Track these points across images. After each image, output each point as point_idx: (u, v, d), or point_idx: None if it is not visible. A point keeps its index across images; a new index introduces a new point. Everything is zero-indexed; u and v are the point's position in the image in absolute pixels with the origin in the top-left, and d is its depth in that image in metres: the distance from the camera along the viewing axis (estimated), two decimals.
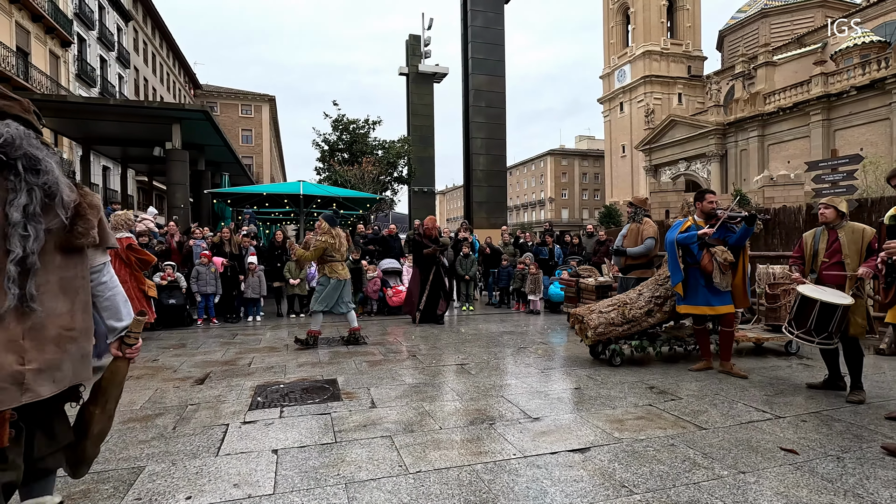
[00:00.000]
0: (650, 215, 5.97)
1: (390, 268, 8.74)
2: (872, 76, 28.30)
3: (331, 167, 20.00)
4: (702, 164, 39.94)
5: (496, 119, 19.31)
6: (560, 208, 66.38)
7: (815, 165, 6.45)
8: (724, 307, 4.36)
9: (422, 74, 27.35)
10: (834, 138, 30.93)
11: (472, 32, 18.74)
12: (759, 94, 35.41)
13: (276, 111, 49.74)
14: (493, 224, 18.75)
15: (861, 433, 3.10)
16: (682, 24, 49.67)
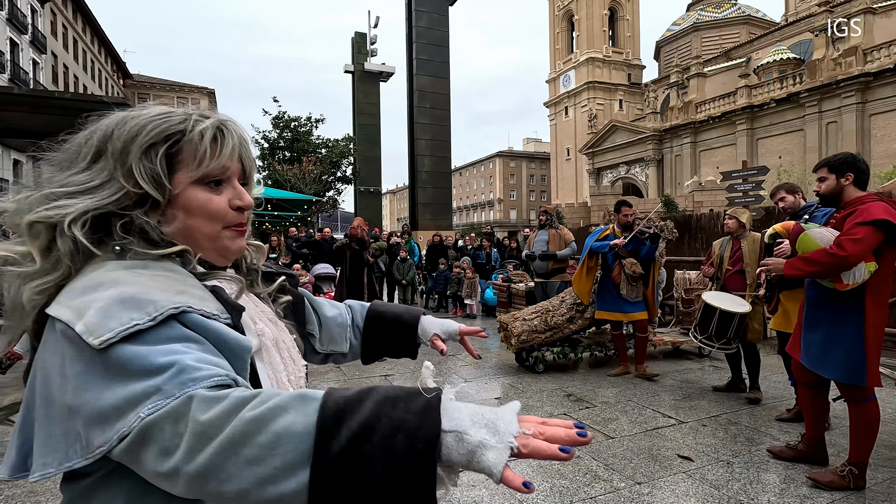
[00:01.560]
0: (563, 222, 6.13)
1: (324, 273, 8.47)
2: (789, 90, 30.68)
3: (270, 166, 19.28)
4: (640, 167, 41.84)
5: (441, 121, 19.30)
6: (508, 209, 67.58)
7: (729, 175, 6.84)
8: (637, 314, 4.50)
9: (368, 73, 26.94)
10: (757, 146, 33.29)
11: (416, 33, 18.63)
12: (692, 103, 37.54)
13: (217, 105, 47.53)
14: (438, 226, 18.72)
15: (753, 436, 3.26)
16: (622, 33, 51.85)
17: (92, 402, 0.50)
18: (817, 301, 2.60)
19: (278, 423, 0.47)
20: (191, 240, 0.66)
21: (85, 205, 0.60)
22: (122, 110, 0.71)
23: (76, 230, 0.59)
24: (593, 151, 45.82)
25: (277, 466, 0.45)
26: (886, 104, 26.32)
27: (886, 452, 2.97)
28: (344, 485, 0.46)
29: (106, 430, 0.50)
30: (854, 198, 2.53)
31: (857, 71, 26.87)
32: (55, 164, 0.66)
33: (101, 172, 0.63)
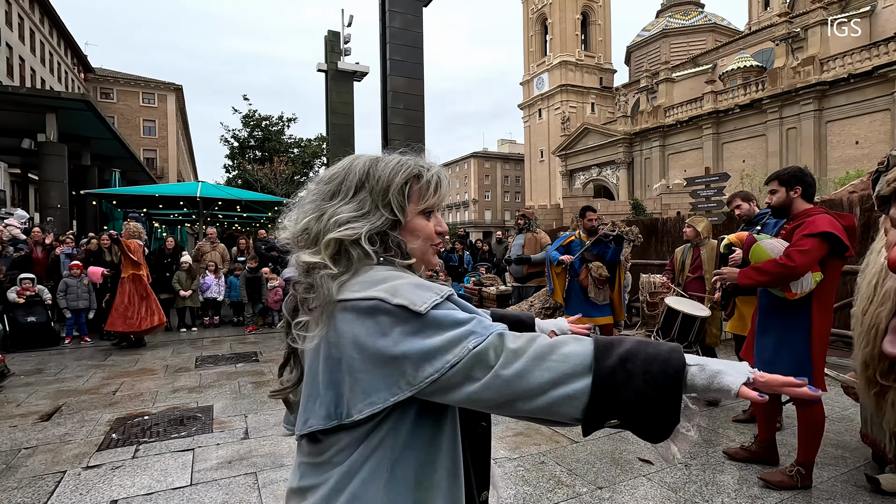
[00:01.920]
0: (540, 227, 6.23)
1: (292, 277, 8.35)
2: (752, 96, 31.81)
3: (240, 166, 18.87)
4: (611, 170, 42.68)
5: (415, 122, 19.23)
6: (483, 209, 67.93)
7: (693, 181, 7.05)
8: (602, 318, 4.60)
9: (341, 72, 26.64)
10: (722, 150, 34.40)
11: (390, 33, 18.53)
12: (661, 108, 38.52)
13: (184, 101, 46.17)
14: None
15: (710, 437, 3.37)
16: (594, 37, 52.77)
17: (419, 347, 0.73)
18: (768, 308, 2.71)
19: (565, 348, 0.73)
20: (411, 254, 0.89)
21: (366, 227, 0.83)
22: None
23: (365, 244, 0.82)
24: (566, 153, 46.49)
25: (567, 373, 0.70)
26: (841, 112, 27.57)
27: (832, 451, 3.12)
28: (614, 391, 0.69)
29: (435, 362, 0.73)
30: (802, 210, 2.65)
31: (815, 79, 28.06)
32: (315, 193, 0.89)
33: (364, 203, 0.85)
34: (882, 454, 2.75)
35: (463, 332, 0.74)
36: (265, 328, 7.94)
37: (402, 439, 0.79)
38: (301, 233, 0.86)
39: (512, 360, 0.72)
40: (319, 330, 0.79)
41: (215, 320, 8.21)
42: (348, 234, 0.81)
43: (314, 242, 0.84)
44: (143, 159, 36.63)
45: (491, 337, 0.74)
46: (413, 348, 0.73)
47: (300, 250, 0.85)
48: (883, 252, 2.83)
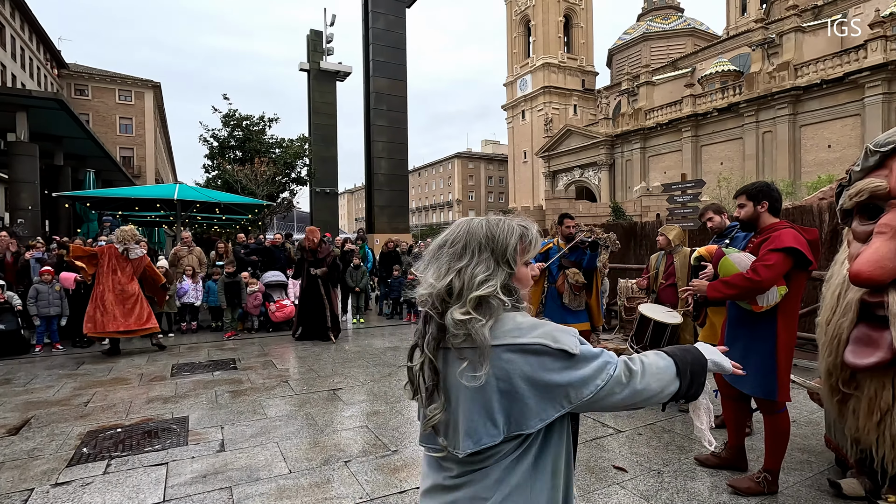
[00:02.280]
0: None
1: (274, 281, 8.26)
2: (729, 100, 32.51)
3: (220, 166, 18.56)
4: (594, 171, 43.17)
5: (398, 123, 19.18)
6: (467, 210, 68.04)
7: (669, 187, 7.17)
8: (578, 325, 4.65)
9: (324, 72, 26.39)
10: (701, 153, 35.07)
11: (373, 34, 18.43)
12: (641, 110, 39.10)
13: (162, 99, 45.28)
14: (395, 228, 18.62)
15: (683, 444, 3.44)
16: (577, 40, 53.31)
17: (578, 376, 1.01)
18: (737, 320, 2.78)
19: (661, 362, 1.10)
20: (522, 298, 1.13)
21: (498, 283, 1.04)
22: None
23: (501, 296, 1.04)
24: (549, 155, 46.87)
25: (668, 381, 1.08)
26: (815, 116, 28.35)
27: (798, 455, 3.22)
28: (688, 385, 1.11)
29: (589, 386, 1.01)
30: (769, 224, 2.73)
31: (789, 84, 28.80)
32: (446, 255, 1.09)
33: (489, 262, 1.06)
34: (844, 459, 2.84)
35: (602, 362, 1.03)
36: (244, 334, 7.84)
37: (543, 439, 1.07)
38: (445, 290, 1.04)
39: (639, 377, 1.06)
40: (484, 370, 0.99)
41: (192, 326, 8.08)
42: (489, 291, 1.03)
43: (458, 297, 1.04)
44: (119, 158, 35.82)
45: (619, 363, 1.06)
46: (574, 378, 1.01)
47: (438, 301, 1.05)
48: (846, 264, 2.93)
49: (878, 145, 2.69)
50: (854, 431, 2.73)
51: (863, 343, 2.61)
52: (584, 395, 1.01)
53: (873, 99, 25.35)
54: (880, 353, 2.50)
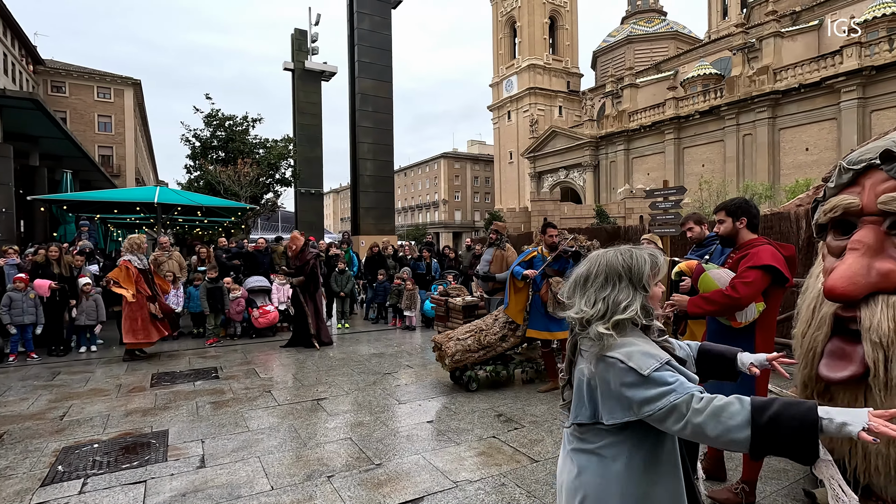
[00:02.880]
0: (509, 241, 6.32)
1: (257, 286, 8.17)
2: (711, 103, 33.02)
3: (202, 167, 18.29)
4: (578, 172, 43.52)
5: (383, 125, 19.10)
6: (453, 210, 68.10)
7: (652, 193, 7.26)
8: (561, 333, 4.69)
9: (308, 71, 26.17)
10: (683, 155, 35.57)
11: (358, 35, 18.32)
12: (625, 112, 39.52)
13: (143, 97, 44.42)
14: (381, 230, 18.54)
15: None
16: (562, 42, 53.68)
17: (641, 395, 1.21)
18: (716, 334, 2.83)
19: (731, 408, 1.12)
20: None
21: (637, 308, 1.32)
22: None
23: (639, 319, 1.32)
24: (534, 156, 47.12)
25: (734, 426, 1.10)
26: (793, 119, 28.96)
27: (775, 464, 3.28)
28: (767, 439, 1.08)
29: (649, 406, 1.20)
30: (747, 240, 2.78)
31: (769, 88, 29.37)
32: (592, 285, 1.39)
33: (627, 289, 1.34)
34: None
35: (668, 390, 1.20)
36: (227, 340, 7.74)
37: (636, 439, 1.30)
38: (596, 314, 1.34)
39: (697, 414, 1.16)
40: (589, 367, 1.34)
41: (174, 333, 7.94)
42: (630, 315, 1.31)
43: (602, 317, 1.33)
44: (98, 157, 35.05)
45: (685, 396, 1.19)
46: (636, 396, 1.23)
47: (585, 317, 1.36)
48: (821, 277, 2.99)
49: (850, 163, 2.76)
50: (828, 442, 2.80)
51: (836, 357, 2.67)
52: (645, 412, 1.22)
53: (849, 103, 25.98)
54: (853, 367, 2.56)
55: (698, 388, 1.22)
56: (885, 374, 2.43)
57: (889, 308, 2.45)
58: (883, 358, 2.43)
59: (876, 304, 2.47)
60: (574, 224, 26.32)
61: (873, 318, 2.46)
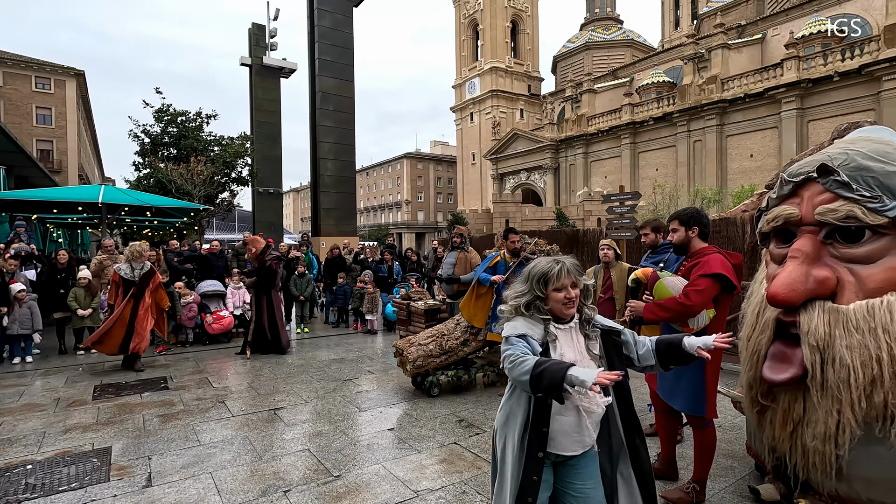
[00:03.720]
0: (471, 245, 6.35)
1: (211, 290, 7.85)
2: (664, 110, 34.36)
3: (152, 164, 17.45)
4: (539, 174, 44.33)
5: (345, 124, 18.81)
6: (416, 210, 67.93)
7: (608, 198, 7.47)
8: None
9: (267, 67, 25.46)
10: (638, 159, 36.85)
11: (318, 32, 17.96)
12: (584, 117, 40.56)
13: (87, 88, 41.98)
14: (342, 231, 18.25)
15: None
16: (523, 46, 54.53)
17: (503, 349, 1.87)
18: None
19: (526, 364, 1.68)
20: (553, 311, 1.89)
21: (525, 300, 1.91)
22: None
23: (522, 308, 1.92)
24: (496, 157, 47.64)
25: (524, 373, 1.67)
26: (739, 127, 30.54)
27: (724, 461, 3.43)
28: (537, 383, 1.63)
29: (502, 356, 1.84)
30: (698, 249, 2.91)
31: (717, 97, 30.85)
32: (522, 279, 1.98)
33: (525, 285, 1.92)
34: (763, 465, 3.05)
35: (508, 348, 1.80)
36: (178, 348, 7.39)
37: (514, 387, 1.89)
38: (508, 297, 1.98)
39: (513, 365, 1.72)
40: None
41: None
42: (517, 303, 1.91)
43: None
44: (36, 151, 32.89)
45: (512, 353, 1.76)
46: (502, 349, 1.86)
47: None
48: (764, 283, 3.15)
49: (791, 175, 2.91)
50: (771, 440, 2.94)
51: (778, 359, 2.81)
52: (502, 359, 1.81)
53: (788, 113, 27.64)
54: (793, 369, 2.70)
55: (527, 352, 1.75)
56: (822, 375, 2.58)
57: (825, 313, 2.60)
58: (819, 360, 2.58)
59: (813, 310, 2.61)
60: (535, 226, 26.77)
61: (811, 323, 2.61)
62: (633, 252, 7.43)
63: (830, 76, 25.75)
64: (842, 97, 25.62)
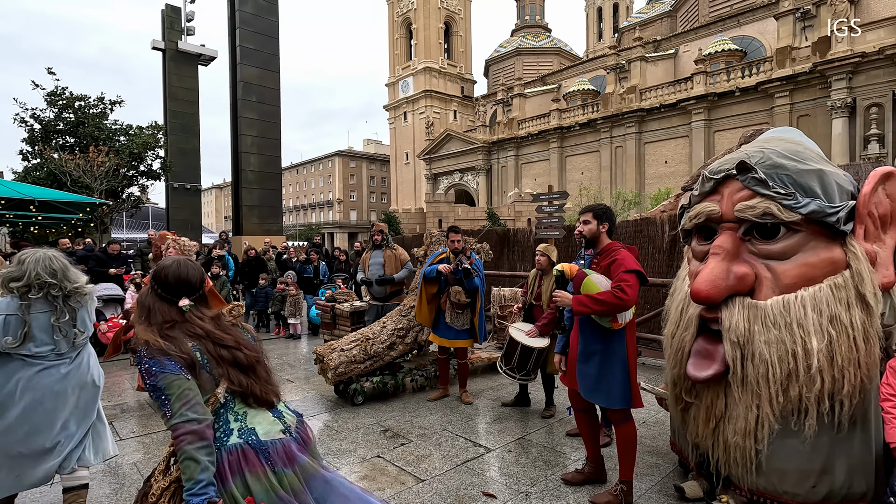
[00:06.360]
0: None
1: (108, 295, 6.97)
2: (589, 116, 36.03)
3: (43, 154, 15.50)
4: (472, 175, 44.88)
5: (270, 117, 17.79)
6: (349, 210, 66.42)
7: (537, 198, 7.51)
8: (458, 342, 4.56)
9: (182, 53, 23.61)
10: (566, 162, 38.36)
11: (240, 18, 16.84)
12: (515, 120, 41.59)
13: None
14: (266, 230, 17.23)
15: (550, 458, 3.48)
16: (456, 48, 55.01)
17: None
18: (591, 337, 2.90)
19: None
20: None
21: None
22: None
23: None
24: (430, 157, 47.65)
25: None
26: (655, 135, 32.67)
27: (649, 459, 3.43)
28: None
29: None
30: (607, 244, 2.98)
31: (636, 106, 32.81)
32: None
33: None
34: (686, 462, 3.06)
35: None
36: None
37: None
38: None
39: None
40: None
41: None
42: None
43: None
44: None
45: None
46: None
47: None
48: (687, 280, 3.17)
49: (712, 172, 2.93)
50: (694, 437, 2.94)
51: (702, 356, 2.81)
52: None
53: (698, 123, 29.97)
54: (716, 365, 2.70)
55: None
56: (742, 370, 2.60)
57: (745, 309, 2.63)
58: (740, 356, 2.60)
59: (734, 306, 2.63)
60: (468, 226, 26.96)
61: (731, 319, 2.63)
62: (562, 252, 7.52)
63: (733, 91, 28.22)
64: (742, 111, 28.16)
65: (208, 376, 1.57)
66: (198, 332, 1.61)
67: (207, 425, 1.47)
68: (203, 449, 1.43)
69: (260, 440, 1.57)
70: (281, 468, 1.55)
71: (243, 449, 1.53)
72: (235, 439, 1.55)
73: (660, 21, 44.72)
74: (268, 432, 1.60)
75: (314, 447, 1.78)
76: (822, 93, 24.77)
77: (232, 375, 1.60)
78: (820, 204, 2.47)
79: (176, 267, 1.67)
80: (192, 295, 1.67)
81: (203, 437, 1.44)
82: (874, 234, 2.62)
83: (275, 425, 1.64)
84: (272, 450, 1.56)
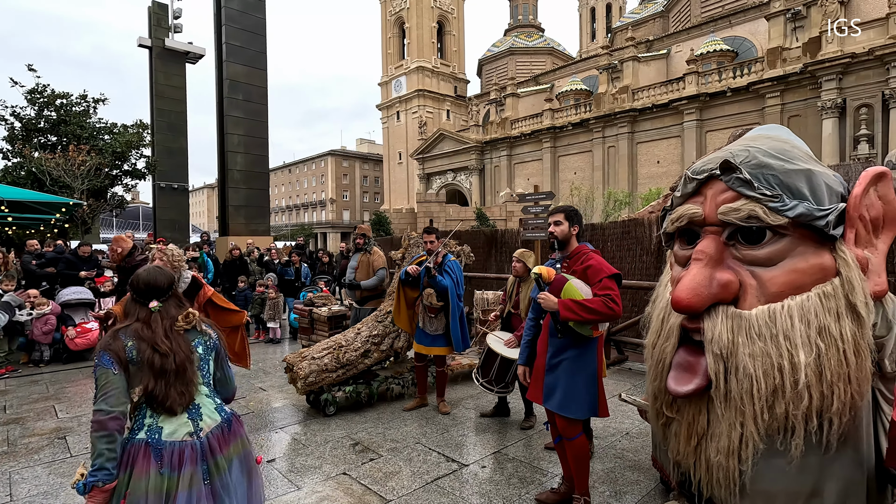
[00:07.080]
0: (377, 245, 5.88)
1: (76, 299, 6.71)
2: (582, 116, 35.94)
3: (22, 153, 15.16)
4: (465, 175, 44.70)
5: (257, 116, 17.48)
6: (341, 209, 66.05)
7: (523, 198, 7.32)
8: (436, 349, 4.36)
9: (170, 51, 23.28)
10: (558, 162, 38.26)
11: (226, 15, 16.52)
12: (508, 120, 41.44)
13: None
14: (252, 231, 16.92)
15: (525, 474, 3.29)
16: (449, 47, 54.79)
17: None
18: (562, 347, 2.76)
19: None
20: None
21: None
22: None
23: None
24: (423, 157, 47.42)
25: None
26: (647, 135, 32.63)
27: (630, 475, 3.25)
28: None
29: None
30: (577, 247, 2.87)
31: (628, 106, 32.76)
32: None
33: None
34: (668, 481, 2.89)
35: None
36: (29, 368, 6.20)
37: None
38: None
39: None
40: None
41: None
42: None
43: None
44: None
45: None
46: None
47: None
48: (669, 286, 3.00)
49: (694, 172, 2.75)
50: (675, 454, 2.76)
51: (683, 369, 2.62)
52: None
53: (690, 123, 29.94)
54: (697, 379, 2.51)
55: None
56: (725, 385, 2.41)
57: (728, 319, 2.44)
58: (723, 370, 2.41)
59: (717, 315, 2.44)
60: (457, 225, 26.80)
61: (714, 330, 2.44)
62: (547, 253, 7.35)
63: (724, 91, 28.21)
64: (734, 111, 28.17)
65: (138, 372, 1.72)
66: (144, 334, 1.75)
67: (112, 417, 1.61)
68: (103, 438, 1.59)
69: (160, 440, 1.69)
70: (167, 470, 1.64)
71: (143, 446, 1.67)
72: (142, 435, 1.70)
73: (652, 21, 44.74)
74: (172, 433, 1.72)
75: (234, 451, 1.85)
76: (813, 93, 24.81)
77: (149, 381, 1.72)
78: (808, 206, 2.29)
79: (146, 274, 1.86)
80: (161, 297, 1.84)
81: (104, 427, 1.59)
82: (865, 238, 2.45)
83: (184, 427, 1.74)
84: (166, 451, 1.67)
